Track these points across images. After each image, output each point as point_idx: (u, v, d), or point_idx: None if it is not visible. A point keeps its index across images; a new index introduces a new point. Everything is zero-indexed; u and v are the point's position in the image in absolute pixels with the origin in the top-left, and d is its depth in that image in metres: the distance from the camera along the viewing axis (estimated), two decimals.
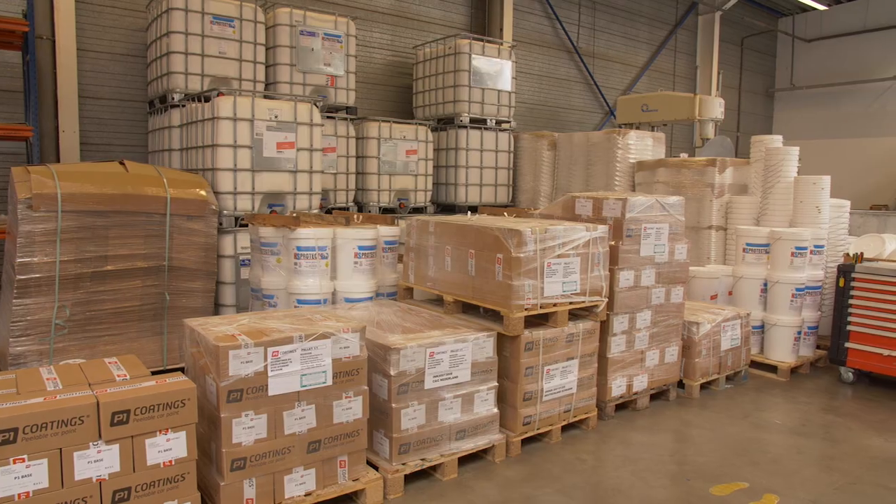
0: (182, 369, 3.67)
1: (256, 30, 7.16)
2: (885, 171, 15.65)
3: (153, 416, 2.83)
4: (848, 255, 6.30)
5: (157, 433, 2.85)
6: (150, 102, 7.51)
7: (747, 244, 6.50)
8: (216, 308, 5.91)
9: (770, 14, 17.76)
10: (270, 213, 6.20)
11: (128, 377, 3.05)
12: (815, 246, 6.42)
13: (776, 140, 7.38)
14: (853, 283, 5.96)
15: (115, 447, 2.77)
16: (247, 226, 5.57)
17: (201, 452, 3.23)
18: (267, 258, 5.14)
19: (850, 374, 6.07)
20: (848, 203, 7.20)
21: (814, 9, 16.70)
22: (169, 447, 2.89)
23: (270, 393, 3.24)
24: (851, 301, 5.97)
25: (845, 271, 6.02)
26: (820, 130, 17.42)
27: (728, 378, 5.98)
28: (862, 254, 6.22)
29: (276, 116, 6.10)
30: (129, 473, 2.81)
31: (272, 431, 3.26)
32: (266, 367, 3.20)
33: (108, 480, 2.76)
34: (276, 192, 6.23)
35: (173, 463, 2.91)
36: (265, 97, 6.38)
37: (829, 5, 16.89)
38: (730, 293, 6.66)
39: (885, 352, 5.76)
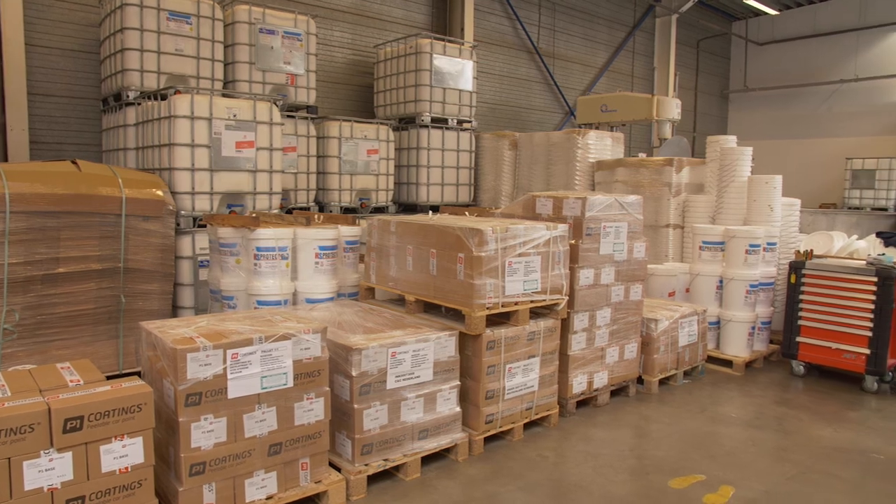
0: (139, 373, 3.59)
1: (214, 27, 7.05)
2: (832, 171, 16.17)
3: (108, 421, 2.76)
4: (799, 252, 6.50)
5: (113, 439, 2.79)
6: (103, 100, 7.32)
7: (703, 242, 6.64)
8: (174, 310, 5.80)
9: (724, 18, 18.20)
10: (230, 213, 6.10)
11: (81, 382, 2.97)
12: (768, 243, 6.60)
13: (730, 140, 7.56)
14: (804, 280, 6.15)
15: (68, 455, 2.69)
16: (205, 226, 5.48)
17: (159, 458, 3.17)
18: (226, 259, 5.06)
19: (802, 368, 6.26)
20: (798, 202, 7.42)
21: (765, 13, 17.18)
22: (125, 453, 2.82)
23: (230, 396, 3.19)
24: (802, 297, 6.15)
25: (796, 268, 6.20)
26: (772, 131, 17.92)
27: (686, 373, 6.11)
28: (812, 251, 6.42)
29: (234, 115, 6.01)
30: (82, 481, 2.74)
31: (232, 435, 3.22)
32: (225, 369, 3.16)
33: (60, 489, 2.69)
34: (235, 192, 6.14)
35: (130, 469, 2.84)
36: (224, 96, 6.28)
37: (779, 10, 17.39)
38: (687, 290, 6.80)
39: (834, 345, 5.95)
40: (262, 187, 6.28)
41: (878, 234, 7.54)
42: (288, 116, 7.72)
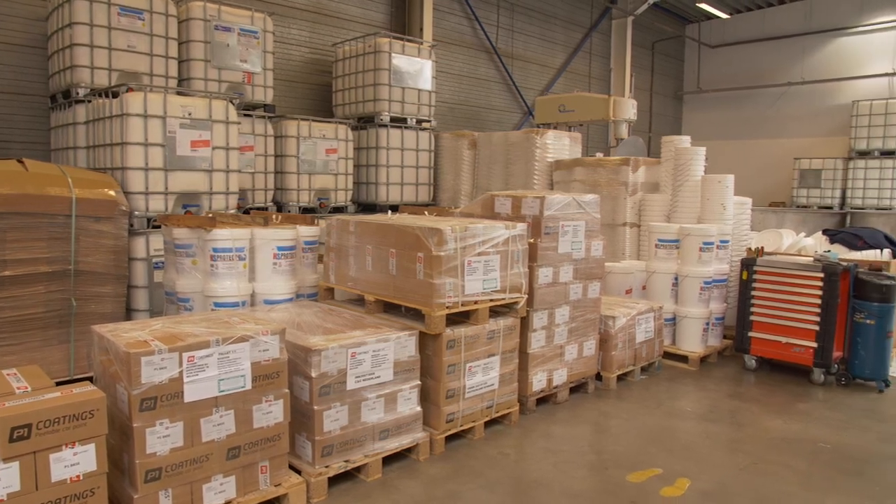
0: (91, 378, 3.49)
1: (168, 23, 6.90)
2: (781, 171, 16.66)
3: (58, 429, 2.68)
4: (750, 249, 6.68)
5: (63, 447, 2.71)
6: (52, 97, 7.09)
7: (659, 240, 6.78)
8: (128, 313, 5.66)
9: (678, 20, 18.59)
10: (185, 213, 5.99)
11: (29, 389, 2.88)
12: (721, 241, 6.77)
13: (685, 141, 7.73)
14: (755, 276, 6.32)
15: (15, 465, 2.61)
16: (160, 227, 5.37)
17: (113, 465, 3.09)
18: (182, 260, 4.96)
19: (753, 362, 6.44)
20: (750, 200, 7.62)
21: (717, 17, 17.60)
22: (76, 461, 2.75)
23: (186, 399, 3.13)
24: (753, 293, 6.33)
25: (748, 265, 6.38)
26: (724, 132, 18.38)
27: (643, 369, 6.23)
28: (762, 248, 6.61)
29: (189, 114, 5.90)
30: (31, 492, 2.65)
31: (189, 439, 3.16)
32: (181, 373, 3.10)
33: (6, 501, 2.60)
34: (190, 192, 6.02)
35: (81, 478, 2.77)
36: (178, 94, 6.16)
37: (730, 14, 17.84)
38: (644, 287, 6.93)
39: (784, 339, 6.14)
40: (218, 187, 6.18)
41: (825, 232, 7.79)
42: (245, 115, 7.61)
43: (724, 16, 17.45)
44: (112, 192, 5.29)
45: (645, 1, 15.47)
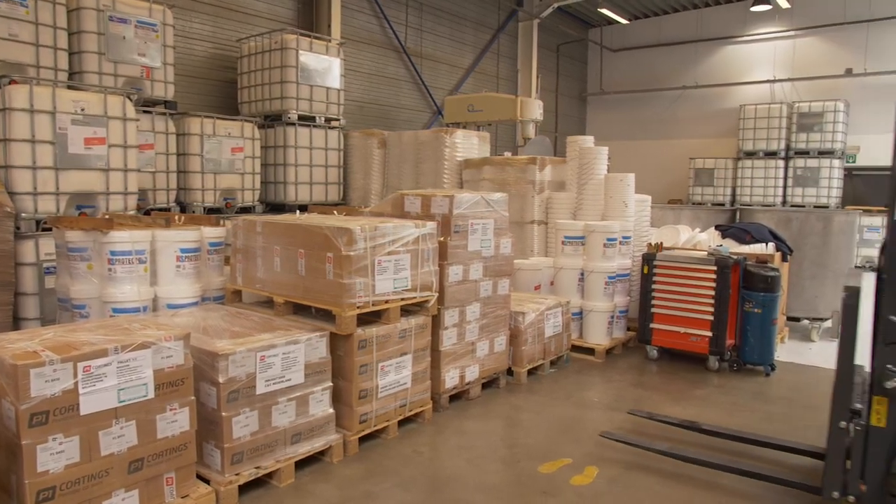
0: None
1: (56, 12, 6.46)
2: (678, 170, 17.55)
3: None
4: (650, 244, 7.01)
5: None
6: None
7: (565, 237, 6.99)
8: (16, 322, 5.31)
9: (581, 24, 19.22)
10: (79, 215, 5.67)
11: None
12: (623, 237, 7.06)
13: (588, 140, 8.01)
14: (655, 270, 6.63)
15: None
16: (51, 229, 5.05)
17: None
18: (76, 265, 4.69)
19: (655, 352, 6.76)
20: (649, 198, 7.99)
21: (618, 22, 18.32)
22: None
23: (83, 412, 2.97)
24: (654, 286, 6.64)
25: (648, 259, 6.68)
26: (626, 132, 19.18)
27: (552, 363, 6.41)
28: (661, 243, 6.95)
29: (82, 109, 5.59)
30: None
31: (86, 454, 2.99)
32: (76, 384, 2.93)
33: None
34: (85, 193, 5.71)
35: None
36: (70, 88, 5.84)
37: (629, 20, 18.62)
38: (552, 283, 7.13)
39: (682, 329, 6.48)
40: (115, 187, 5.89)
41: (717, 227, 8.25)
42: (144, 112, 7.27)
43: (624, 21, 18.21)
44: None
45: (549, 5, 15.90)
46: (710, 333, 6.31)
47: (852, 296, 3.51)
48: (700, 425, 4.58)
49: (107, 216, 5.14)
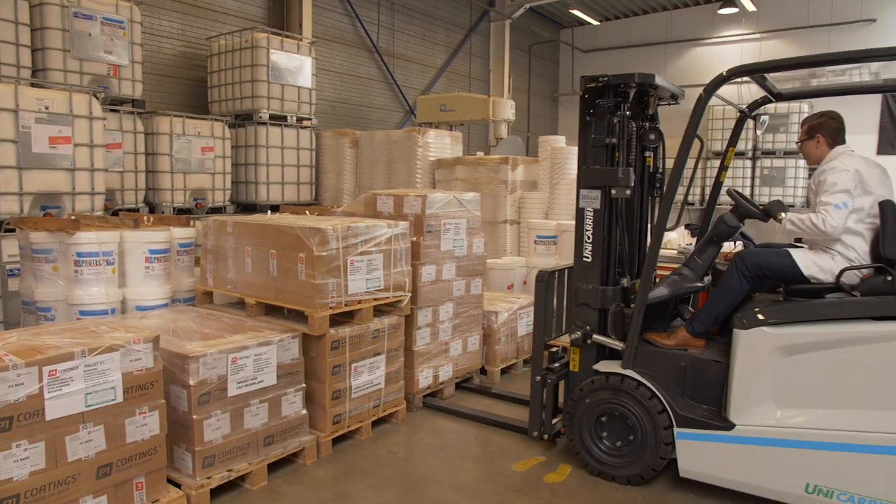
0: None
1: (17, 7, 6.31)
2: None
3: None
4: None
5: None
6: None
7: (538, 236, 7.03)
8: None
9: (553, 25, 19.35)
10: (44, 215, 5.56)
11: None
12: None
13: (560, 140, 8.07)
14: None
15: None
16: (14, 231, 4.94)
17: None
18: (41, 266, 4.60)
19: None
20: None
21: (589, 23, 18.49)
22: None
23: (48, 417, 2.90)
24: None
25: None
26: None
27: (525, 361, 6.43)
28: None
29: (46, 108, 5.48)
30: None
31: (52, 460, 2.93)
32: (42, 388, 2.87)
33: None
34: (50, 193, 5.60)
35: None
36: (33, 85, 5.71)
37: (600, 21, 18.80)
38: (524, 282, 7.17)
39: None
40: (82, 187, 5.78)
41: (687, 226, 8.38)
42: (111, 110, 7.15)
43: (594, 22, 18.38)
44: None
45: (521, 5, 15.99)
46: None
47: (542, 278, 4.35)
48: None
49: (73, 217, 5.05)
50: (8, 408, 2.78)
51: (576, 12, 17.23)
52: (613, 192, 4.03)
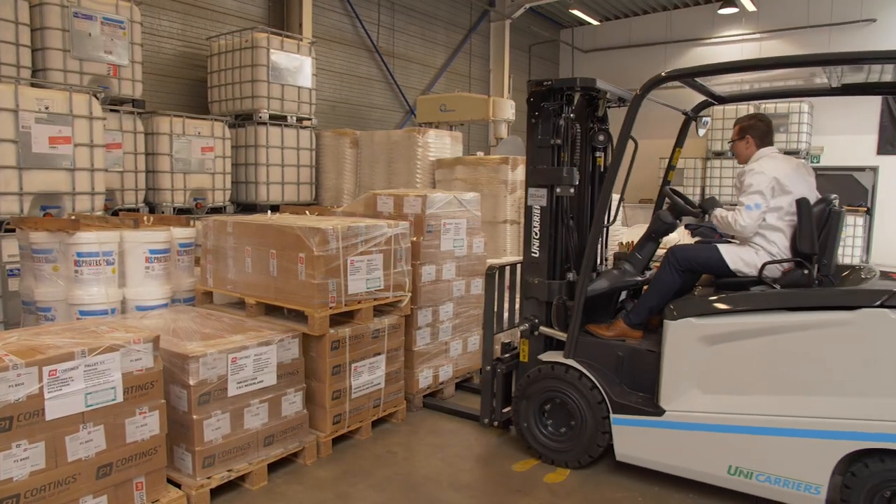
0: None
1: (17, 7, 6.31)
2: (649, 169, 17.75)
3: None
4: (621, 243, 7.08)
5: None
6: None
7: None
8: None
9: (553, 25, 19.34)
10: (44, 215, 5.56)
11: None
12: None
13: None
14: None
15: None
16: (14, 231, 4.94)
17: None
18: (41, 266, 4.60)
19: None
20: (617, 196, 8.04)
21: (589, 23, 18.48)
22: None
23: (48, 417, 2.91)
24: None
25: (618, 258, 6.72)
26: None
27: None
28: (633, 242, 7.01)
29: (46, 108, 5.49)
30: None
31: (52, 460, 2.94)
32: (42, 388, 2.87)
33: None
34: (50, 193, 5.61)
35: None
36: (33, 85, 5.72)
37: (600, 21, 18.79)
38: None
39: None
40: (82, 187, 5.79)
41: (686, 226, 8.39)
42: (111, 110, 7.15)
43: (594, 22, 18.37)
44: None
45: (521, 5, 15.98)
46: None
47: (490, 272, 4.58)
48: None
49: (73, 217, 5.05)
50: (8, 408, 2.78)
51: (576, 12, 17.22)
52: (558, 190, 4.23)
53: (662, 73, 3.89)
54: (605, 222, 4.27)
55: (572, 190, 4.22)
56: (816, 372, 3.43)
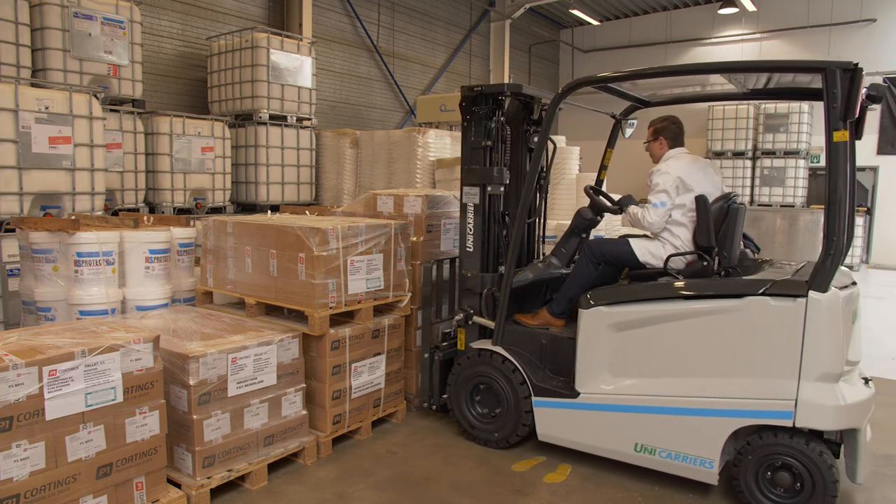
0: None
1: (17, 7, 6.32)
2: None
3: None
4: None
5: None
6: None
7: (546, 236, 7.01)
8: None
9: (553, 25, 19.34)
10: (44, 215, 5.56)
11: None
12: (595, 237, 7.11)
13: (560, 140, 8.07)
14: None
15: None
16: (14, 230, 4.94)
17: None
18: (41, 266, 4.59)
19: None
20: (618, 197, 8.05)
21: (589, 23, 18.48)
22: None
23: (49, 417, 2.91)
24: None
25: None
26: (598, 132, 19.27)
27: None
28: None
29: (46, 108, 5.48)
30: None
31: (52, 460, 2.93)
32: (42, 388, 2.87)
33: None
34: (50, 193, 5.61)
35: None
36: (33, 85, 5.71)
37: (600, 21, 18.80)
38: None
39: None
40: (82, 187, 5.78)
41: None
42: (111, 110, 7.15)
43: (595, 22, 18.37)
44: None
45: (521, 5, 15.98)
46: None
47: (429, 265, 4.78)
48: None
49: (73, 217, 5.05)
50: (8, 408, 2.78)
51: (576, 12, 17.22)
52: (490, 189, 4.49)
53: (576, 80, 4.32)
54: (528, 218, 4.67)
55: (503, 188, 4.49)
56: (708, 355, 3.68)
